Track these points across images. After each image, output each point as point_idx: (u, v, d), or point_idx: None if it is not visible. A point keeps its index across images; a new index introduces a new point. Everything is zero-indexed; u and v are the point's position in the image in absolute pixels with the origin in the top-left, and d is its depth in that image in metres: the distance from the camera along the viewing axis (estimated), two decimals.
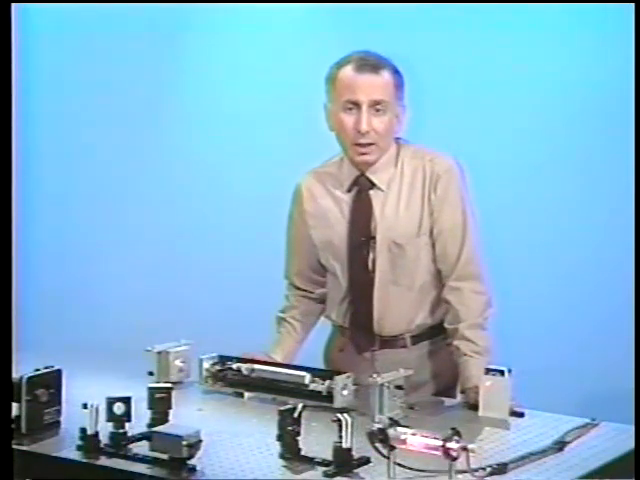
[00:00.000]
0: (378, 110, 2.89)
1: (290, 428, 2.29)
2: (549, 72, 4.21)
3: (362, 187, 2.99)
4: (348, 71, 2.90)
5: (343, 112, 2.91)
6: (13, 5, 4.47)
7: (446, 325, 2.97)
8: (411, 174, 2.97)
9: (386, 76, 2.91)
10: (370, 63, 2.90)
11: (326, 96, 2.98)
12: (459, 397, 2.94)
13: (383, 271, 2.98)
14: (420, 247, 2.97)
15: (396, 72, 2.94)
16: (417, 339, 3.03)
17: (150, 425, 2.42)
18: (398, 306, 2.99)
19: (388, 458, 2.17)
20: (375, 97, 2.88)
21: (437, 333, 3.02)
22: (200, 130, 4.92)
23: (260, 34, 4.76)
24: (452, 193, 2.96)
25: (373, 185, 2.98)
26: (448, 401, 2.93)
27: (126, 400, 2.38)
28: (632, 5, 3.82)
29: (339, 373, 2.71)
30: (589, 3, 4.09)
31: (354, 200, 3.00)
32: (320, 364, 3.14)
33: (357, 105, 2.88)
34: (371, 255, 2.98)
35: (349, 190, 3.01)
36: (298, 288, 3.18)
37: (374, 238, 2.97)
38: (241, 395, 2.86)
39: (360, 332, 3.05)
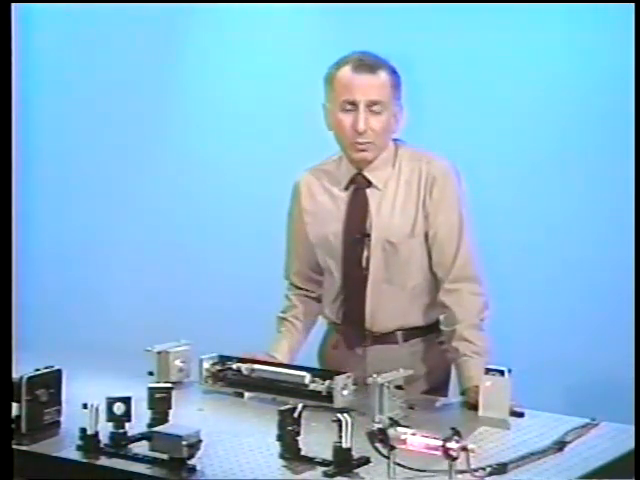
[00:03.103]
0: (375, 110, 2.92)
1: (290, 428, 2.29)
2: (548, 72, 4.21)
3: (359, 185, 3.02)
4: (346, 71, 2.93)
5: (341, 112, 2.94)
6: (13, 5, 4.47)
7: (443, 328, 2.98)
8: (408, 175, 3.00)
9: (383, 76, 2.94)
10: (367, 63, 2.93)
11: (325, 96, 3.01)
12: (459, 397, 2.94)
13: (376, 269, 3.00)
14: (414, 248, 2.99)
15: (393, 72, 2.97)
16: (409, 336, 3.04)
17: (150, 425, 2.42)
18: (390, 305, 3.01)
19: (388, 458, 2.17)
20: (372, 97, 2.91)
21: (429, 331, 3.03)
22: (200, 130, 4.92)
23: (261, 33, 4.76)
24: (448, 196, 2.98)
25: (370, 184, 3.01)
26: (448, 401, 2.93)
27: (126, 400, 2.38)
28: (632, 5, 3.82)
29: (339, 373, 2.71)
30: (589, 3, 4.09)
31: (351, 198, 3.03)
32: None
33: (354, 105, 2.91)
34: (365, 253, 3.01)
35: (346, 188, 3.04)
36: (298, 287, 3.20)
37: (369, 236, 3.00)
38: (241, 395, 2.86)
39: (352, 328, 3.06)
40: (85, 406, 2.34)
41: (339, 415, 2.23)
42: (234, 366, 2.89)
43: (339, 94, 2.93)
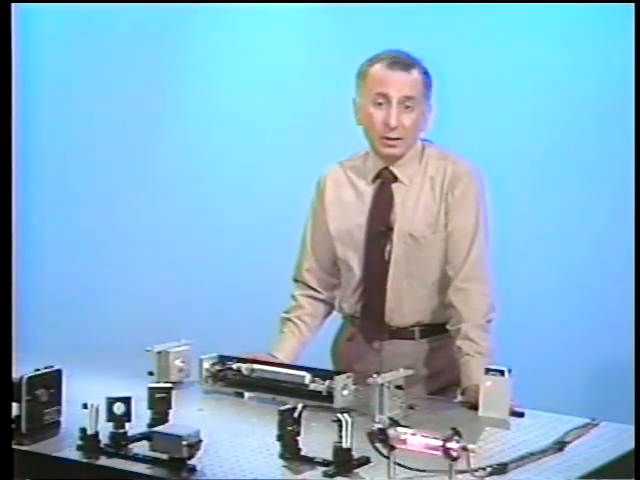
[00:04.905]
0: (407, 107, 2.96)
1: (290, 428, 2.29)
2: (548, 72, 4.21)
3: (385, 180, 3.06)
4: (380, 67, 2.98)
5: (373, 106, 2.97)
6: (13, 5, 4.47)
7: (449, 327, 2.99)
8: (433, 172, 3.03)
9: (416, 75, 2.98)
10: (402, 61, 2.98)
11: (356, 91, 3.04)
12: (459, 397, 2.94)
13: (398, 262, 3.02)
14: (435, 244, 3.01)
15: (425, 72, 3.02)
16: (426, 333, 3.07)
17: (150, 425, 2.42)
18: (409, 299, 3.03)
19: (388, 458, 2.17)
20: (405, 93, 2.96)
21: (445, 330, 3.03)
22: (201, 129, 4.92)
23: (262, 33, 4.77)
24: (469, 196, 3.01)
25: (396, 179, 3.05)
26: (448, 401, 2.94)
27: (126, 400, 2.38)
28: (632, 5, 3.82)
29: (339, 373, 2.71)
30: (589, 3, 4.09)
31: (376, 192, 3.07)
32: (323, 362, 3.14)
33: (387, 100, 2.95)
34: (388, 246, 3.03)
35: (372, 182, 3.07)
36: (307, 286, 3.20)
37: (392, 229, 3.02)
38: (241, 395, 2.86)
39: (370, 322, 3.08)
40: (85, 406, 2.34)
41: (339, 415, 2.23)
42: (234, 366, 2.89)
43: (372, 88, 2.97)
